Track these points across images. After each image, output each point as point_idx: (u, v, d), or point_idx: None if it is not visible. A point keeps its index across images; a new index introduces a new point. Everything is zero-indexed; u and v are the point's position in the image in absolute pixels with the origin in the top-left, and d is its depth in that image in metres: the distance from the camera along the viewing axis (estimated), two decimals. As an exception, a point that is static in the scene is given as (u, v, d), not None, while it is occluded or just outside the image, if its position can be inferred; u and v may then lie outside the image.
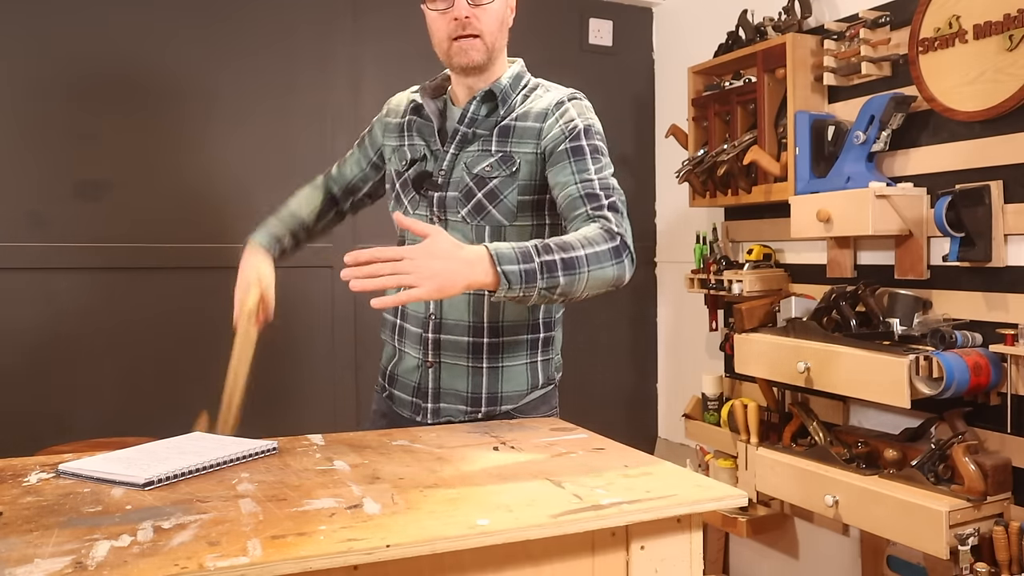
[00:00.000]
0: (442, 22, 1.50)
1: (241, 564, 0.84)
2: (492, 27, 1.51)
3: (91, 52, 2.38)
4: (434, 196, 1.55)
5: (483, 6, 1.49)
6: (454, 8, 1.48)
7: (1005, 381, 1.85)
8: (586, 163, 1.46)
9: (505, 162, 1.52)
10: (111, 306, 2.43)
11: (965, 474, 1.80)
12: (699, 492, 1.10)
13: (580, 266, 1.30)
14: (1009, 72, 1.82)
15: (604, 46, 3.13)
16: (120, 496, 1.08)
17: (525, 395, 1.59)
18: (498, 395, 1.57)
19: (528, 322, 1.59)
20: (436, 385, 1.57)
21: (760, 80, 2.40)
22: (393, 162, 1.66)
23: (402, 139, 1.64)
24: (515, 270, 1.24)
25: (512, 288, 1.24)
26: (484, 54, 1.52)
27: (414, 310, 1.59)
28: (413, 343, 1.59)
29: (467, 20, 1.48)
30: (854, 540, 2.33)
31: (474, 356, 1.55)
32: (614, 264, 1.33)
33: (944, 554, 1.76)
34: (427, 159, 1.59)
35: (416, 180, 1.58)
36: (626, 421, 3.16)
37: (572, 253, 1.29)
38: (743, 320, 2.34)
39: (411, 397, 1.60)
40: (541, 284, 1.26)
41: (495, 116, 1.56)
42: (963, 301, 1.98)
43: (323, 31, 2.66)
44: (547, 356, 1.63)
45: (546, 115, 1.52)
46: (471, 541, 0.94)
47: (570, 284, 1.29)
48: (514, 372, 1.58)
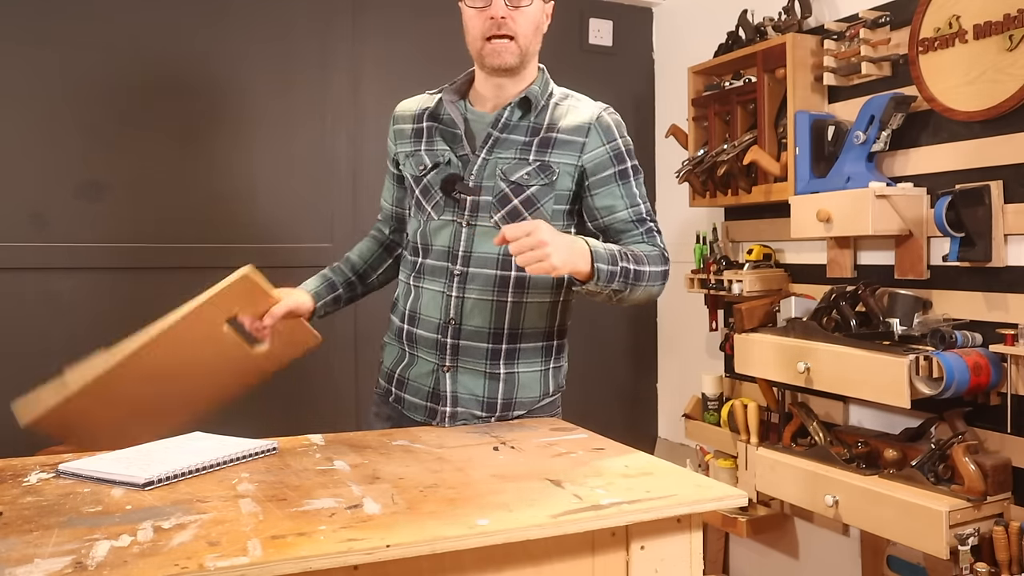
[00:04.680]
0: (478, 20, 1.50)
1: (241, 564, 0.84)
2: (528, 30, 1.52)
3: (91, 52, 2.38)
4: (467, 200, 1.54)
5: (521, 8, 1.49)
6: (491, 7, 1.48)
7: (1005, 381, 1.85)
8: (632, 187, 1.58)
9: (543, 171, 1.53)
10: (112, 306, 2.42)
11: (965, 474, 1.80)
12: (699, 492, 1.10)
13: (644, 279, 1.47)
14: (1009, 72, 1.82)
15: (604, 46, 3.13)
16: (120, 496, 1.08)
17: (537, 401, 1.60)
18: (512, 401, 1.57)
19: (544, 329, 1.60)
20: (454, 389, 1.56)
21: (760, 80, 2.40)
22: (408, 167, 1.64)
23: (417, 144, 1.62)
24: (605, 269, 1.39)
25: (598, 283, 1.39)
26: (517, 56, 1.52)
27: (428, 315, 1.58)
28: (428, 347, 1.58)
29: (503, 20, 1.49)
30: (854, 540, 2.33)
31: (491, 362, 1.55)
32: (661, 284, 1.52)
33: (944, 554, 1.76)
34: (451, 163, 1.57)
35: (445, 183, 1.56)
36: (626, 421, 3.15)
37: (643, 267, 1.46)
38: (743, 320, 2.34)
39: (425, 402, 1.59)
40: (616, 285, 1.42)
41: (526, 122, 1.56)
42: (963, 301, 1.98)
43: (323, 30, 2.66)
44: (558, 364, 1.64)
45: (588, 130, 1.56)
46: (471, 541, 0.94)
47: (631, 292, 1.46)
48: (529, 378, 1.58)
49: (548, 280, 1.56)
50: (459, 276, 1.54)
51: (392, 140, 1.70)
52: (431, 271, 1.58)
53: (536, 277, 1.54)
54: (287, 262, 2.49)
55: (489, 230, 1.53)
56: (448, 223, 1.56)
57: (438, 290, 1.56)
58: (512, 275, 1.54)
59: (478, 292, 1.54)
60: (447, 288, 1.55)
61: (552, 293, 1.58)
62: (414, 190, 1.62)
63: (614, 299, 1.46)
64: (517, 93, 1.57)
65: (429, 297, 1.58)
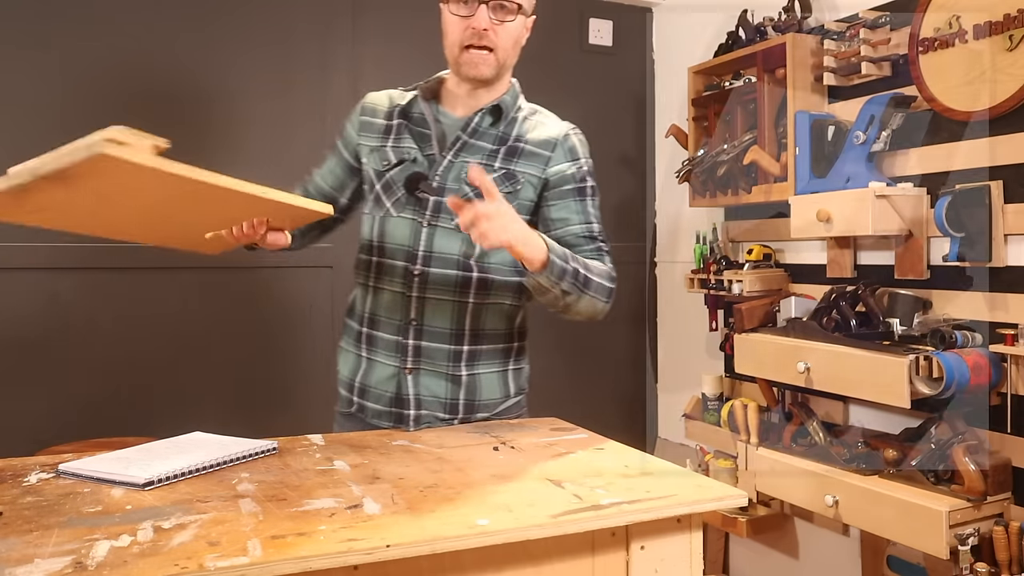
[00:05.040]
0: (459, 27, 1.49)
1: (241, 564, 0.84)
2: (507, 43, 1.52)
3: (91, 53, 2.38)
4: (430, 200, 1.53)
5: (504, 23, 1.49)
6: (475, 18, 1.47)
7: (1005, 381, 1.85)
8: (588, 205, 1.58)
9: (508, 179, 1.54)
10: (112, 306, 2.43)
11: (965, 474, 1.80)
12: (699, 492, 1.10)
13: (592, 288, 1.46)
14: (1009, 72, 1.82)
15: (604, 46, 3.13)
16: (120, 496, 1.08)
17: (500, 403, 1.60)
18: (475, 403, 1.57)
19: (505, 331, 1.60)
20: (417, 392, 1.54)
21: (760, 80, 2.40)
22: (372, 162, 1.61)
23: (385, 140, 1.60)
24: (558, 262, 1.38)
25: (550, 276, 1.37)
26: (494, 69, 1.52)
27: (389, 317, 1.56)
28: (388, 350, 1.56)
29: (485, 32, 1.48)
30: (854, 540, 2.33)
31: (453, 364, 1.54)
32: (606, 302, 1.51)
33: (944, 554, 1.76)
34: (416, 161, 1.56)
35: (408, 181, 1.55)
36: (626, 421, 3.15)
37: (592, 275, 1.46)
38: (743, 320, 2.34)
39: (390, 408, 1.55)
40: (565, 285, 1.40)
41: (495, 130, 1.57)
42: (963, 301, 1.98)
43: (322, 32, 2.66)
44: (519, 366, 1.64)
45: (555, 145, 1.57)
46: (471, 541, 0.94)
47: (578, 298, 1.44)
48: (490, 380, 1.58)
49: (510, 282, 1.57)
50: (419, 276, 1.53)
51: (355, 128, 1.66)
52: (390, 271, 1.56)
53: (498, 278, 1.55)
54: (288, 262, 2.50)
55: (450, 231, 1.52)
56: (407, 221, 1.54)
57: (398, 291, 1.55)
58: (474, 276, 1.53)
59: (439, 292, 1.53)
60: (407, 289, 1.54)
61: (512, 296, 1.59)
62: (374, 185, 1.59)
63: (562, 302, 1.44)
64: (489, 100, 1.56)
65: (389, 298, 1.56)
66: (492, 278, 1.55)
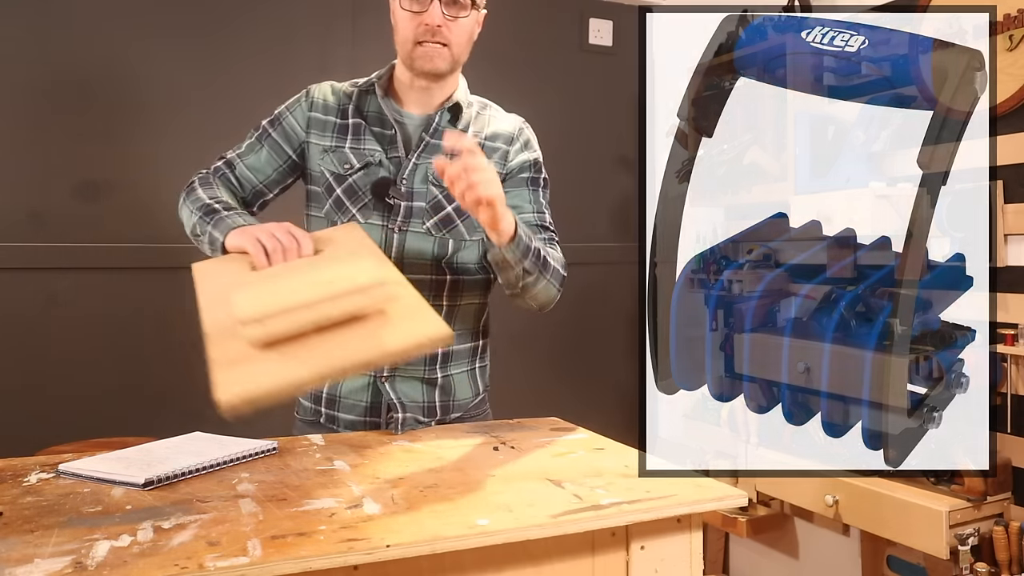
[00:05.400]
0: (411, 23, 1.48)
1: (241, 564, 0.84)
2: (461, 39, 1.52)
3: (92, 53, 2.38)
4: (400, 205, 1.50)
5: (458, 19, 1.48)
6: (428, 14, 1.46)
7: (1005, 381, 1.85)
8: (540, 196, 1.59)
9: None
10: (111, 306, 2.43)
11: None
12: (699, 492, 1.10)
13: (548, 272, 1.46)
14: (1009, 72, 1.82)
15: (604, 46, 3.13)
16: (120, 496, 1.08)
17: (471, 402, 1.60)
18: (450, 403, 1.56)
19: (472, 329, 1.59)
20: (396, 397, 1.50)
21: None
22: (327, 163, 1.54)
23: (342, 140, 1.55)
24: (524, 238, 1.37)
25: (516, 250, 1.36)
26: (449, 63, 1.51)
27: None
28: None
29: (439, 28, 1.47)
30: (854, 540, 2.33)
31: (429, 367, 1.53)
32: (559, 289, 1.51)
33: (944, 554, 1.76)
34: (382, 164, 1.52)
35: (377, 186, 1.50)
36: (626, 421, 3.15)
37: (550, 259, 1.47)
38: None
39: (364, 417, 1.52)
40: (527, 264, 1.40)
41: (455, 128, 1.56)
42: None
43: (322, 33, 2.66)
44: (483, 363, 1.64)
45: (512, 139, 1.59)
46: (471, 541, 0.94)
47: (537, 280, 1.44)
48: (462, 379, 1.58)
49: (479, 280, 1.57)
50: None
51: (302, 123, 1.59)
52: None
53: (468, 278, 1.55)
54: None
55: (421, 235, 1.50)
56: (375, 227, 1.50)
57: None
58: (448, 279, 1.52)
59: None
60: None
61: (481, 295, 1.59)
62: (333, 188, 1.53)
63: (521, 282, 1.43)
64: (443, 97, 1.55)
65: None
66: (463, 279, 1.55)
